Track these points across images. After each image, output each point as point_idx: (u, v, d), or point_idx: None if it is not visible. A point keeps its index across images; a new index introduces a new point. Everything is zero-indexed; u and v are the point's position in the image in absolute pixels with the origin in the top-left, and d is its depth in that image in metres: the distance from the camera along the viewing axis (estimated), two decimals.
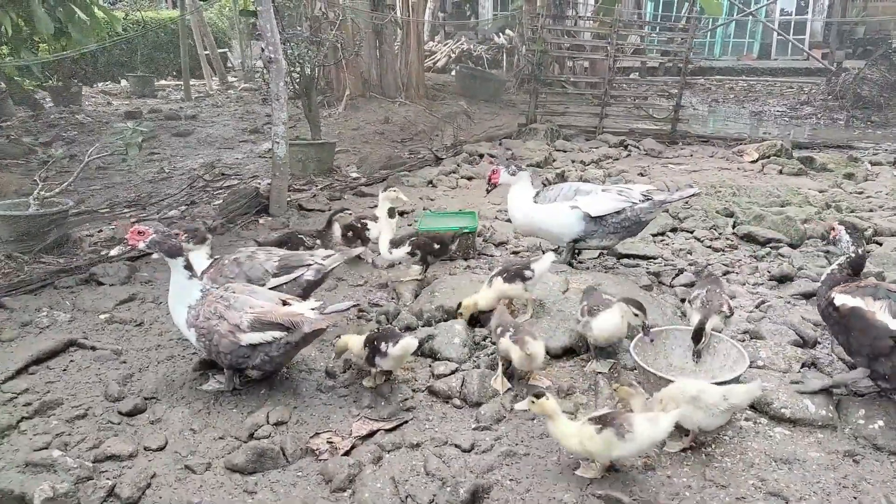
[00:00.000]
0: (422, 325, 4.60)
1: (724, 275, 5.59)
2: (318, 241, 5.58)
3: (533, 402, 3.06)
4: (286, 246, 5.24)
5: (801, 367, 4.00)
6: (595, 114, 12.95)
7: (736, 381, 3.55)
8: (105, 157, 10.85)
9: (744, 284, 5.41)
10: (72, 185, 7.37)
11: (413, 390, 3.82)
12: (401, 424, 3.49)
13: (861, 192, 8.16)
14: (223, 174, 9.75)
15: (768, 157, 10.12)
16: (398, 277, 5.43)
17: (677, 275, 5.45)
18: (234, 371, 3.77)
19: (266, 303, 3.68)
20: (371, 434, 3.41)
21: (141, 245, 3.66)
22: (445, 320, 4.54)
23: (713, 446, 3.33)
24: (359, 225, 6.09)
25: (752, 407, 3.62)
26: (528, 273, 4.34)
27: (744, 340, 4.37)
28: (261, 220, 7.22)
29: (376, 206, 7.97)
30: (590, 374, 3.96)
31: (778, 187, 7.61)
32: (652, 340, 3.75)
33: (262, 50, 7.07)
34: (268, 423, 3.49)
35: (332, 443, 3.34)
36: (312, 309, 3.59)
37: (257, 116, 14.97)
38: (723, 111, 18.59)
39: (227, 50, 25.28)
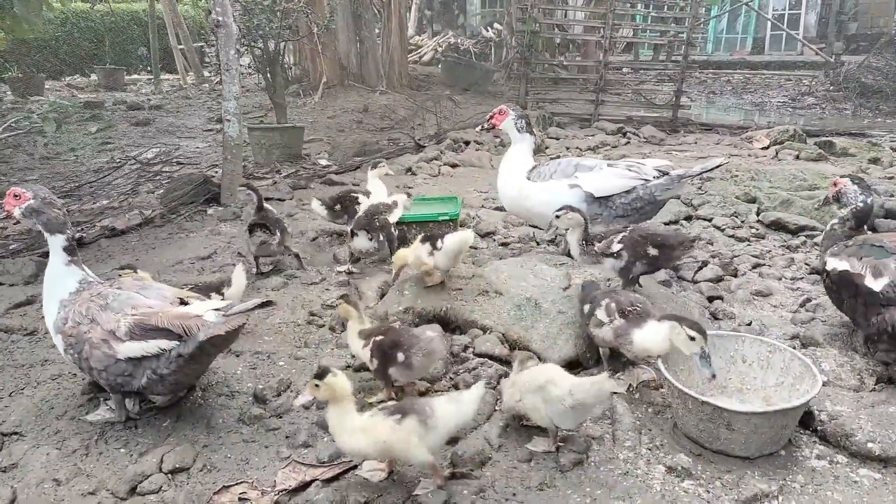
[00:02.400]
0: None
1: (755, 268, 4.66)
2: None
3: (317, 384, 2.34)
4: (340, 205, 5.16)
5: (877, 383, 3.06)
6: (590, 100, 12.02)
7: (805, 407, 2.61)
8: (50, 147, 9.93)
9: (780, 279, 4.48)
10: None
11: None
12: (346, 471, 2.52)
13: (892, 178, 7.26)
14: (179, 163, 8.73)
15: (781, 142, 9.22)
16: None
17: (700, 268, 4.51)
18: (124, 395, 2.78)
19: (156, 301, 2.71)
20: (303, 486, 2.44)
21: (16, 212, 2.82)
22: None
23: (779, 499, 2.38)
24: (348, 198, 5.23)
25: (823, 438, 2.68)
26: (439, 243, 3.63)
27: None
28: (209, 210, 6.22)
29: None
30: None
31: (801, 171, 6.71)
32: (714, 377, 2.70)
33: (210, 13, 6.08)
34: (160, 470, 2.51)
35: (244, 501, 2.36)
36: (216, 310, 2.59)
37: None
38: (722, 102, 17.75)
39: (202, 44, 24.21)
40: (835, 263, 3.18)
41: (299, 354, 3.44)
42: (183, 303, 2.74)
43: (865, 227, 3.37)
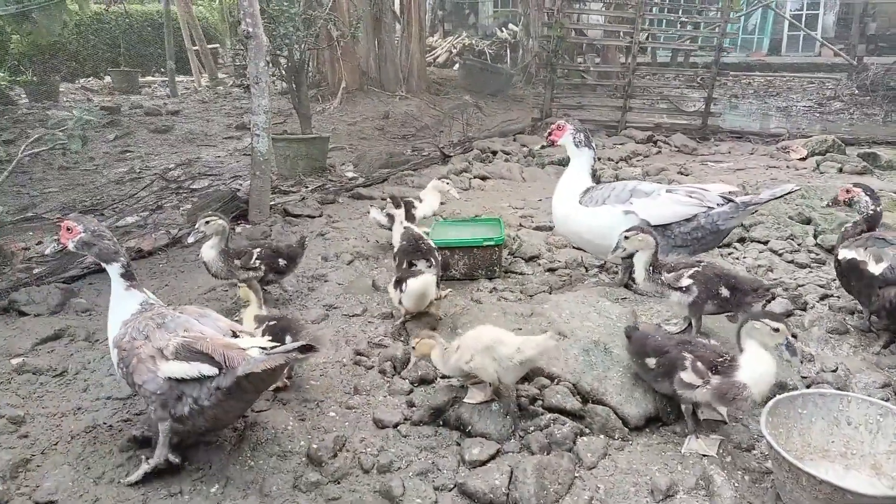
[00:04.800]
0: (440, 375, 3.37)
1: (823, 299, 4.36)
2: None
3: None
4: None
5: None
6: (617, 107, 11.71)
7: None
8: (69, 156, 9.71)
9: (853, 313, 4.18)
10: (10, 187, 6.14)
11: (435, 488, 2.59)
12: None
13: None
14: (204, 175, 8.51)
15: (821, 153, 8.90)
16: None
17: (768, 302, 4.20)
18: (170, 429, 2.63)
19: (210, 330, 2.69)
20: None
21: (70, 245, 2.91)
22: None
23: None
24: (406, 205, 5.06)
25: None
26: (403, 286, 3.74)
27: (887, 400, 3.16)
28: (237, 229, 5.97)
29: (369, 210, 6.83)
30: (691, 457, 2.73)
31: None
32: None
33: (239, 23, 5.84)
34: None
35: None
36: (261, 348, 2.51)
37: (245, 111, 13.73)
38: (745, 107, 17.39)
39: (217, 45, 23.99)
40: (845, 253, 3.71)
41: (350, 403, 3.18)
42: (235, 335, 2.72)
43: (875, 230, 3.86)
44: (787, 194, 4.16)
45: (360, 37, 12.61)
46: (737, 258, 5.18)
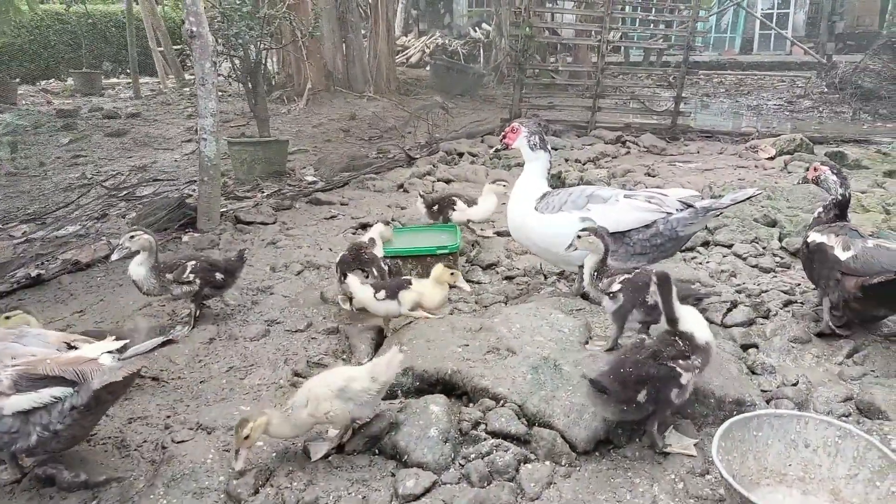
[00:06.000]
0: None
1: (786, 306, 4.21)
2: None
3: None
4: (438, 206, 5.43)
5: None
6: (586, 107, 11.57)
7: None
8: (23, 160, 9.35)
9: (817, 321, 4.03)
10: None
11: None
12: None
13: None
14: (156, 179, 8.20)
15: (790, 152, 8.83)
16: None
17: (729, 310, 4.06)
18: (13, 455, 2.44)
19: (39, 349, 2.48)
20: None
21: None
22: (418, 392, 3.11)
23: None
24: (447, 201, 5.47)
25: None
26: None
27: (848, 415, 3.01)
28: (184, 238, 5.70)
29: (333, 216, 6.61)
30: (640, 484, 2.54)
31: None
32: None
33: (183, 22, 5.57)
34: None
35: None
36: (109, 352, 2.38)
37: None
38: (717, 106, 17.41)
39: (183, 46, 23.50)
40: (815, 237, 3.69)
41: None
42: (70, 347, 2.53)
43: (847, 217, 3.87)
44: (748, 199, 4.01)
45: (325, 36, 12.34)
46: (700, 263, 5.03)
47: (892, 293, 3.28)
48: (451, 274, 3.61)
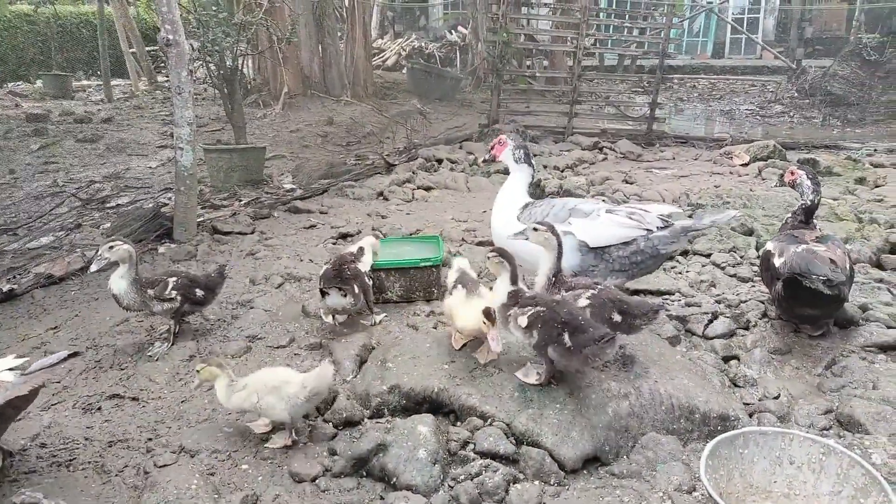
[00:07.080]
0: (368, 415, 3.13)
1: (765, 316, 4.27)
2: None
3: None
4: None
5: None
6: (563, 113, 11.65)
7: None
8: None
9: (796, 331, 4.10)
10: None
11: None
12: None
13: (881, 200, 7.02)
14: (129, 187, 8.06)
15: (763, 159, 8.99)
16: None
17: (710, 321, 4.10)
18: None
19: None
20: None
21: None
22: (405, 411, 3.09)
23: None
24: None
25: None
26: None
27: (829, 429, 3.06)
28: (160, 248, 5.59)
29: (312, 225, 6.54)
30: (630, 503, 2.55)
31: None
32: None
33: (158, 30, 5.47)
34: None
35: None
36: (10, 370, 2.43)
37: None
38: (690, 110, 17.65)
39: (156, 48, 23.13)
40: (768, 245, 3.90)
41: (266, 453, 2.90)
42: None
43: (814, 220, 4.04)
44: (728, 221, 4.12)
45: (302, 41, 12.24)
46: (679, 273, 5.08)
47: (806, 293, 3.47)
48: (484, 323, 3.05)
